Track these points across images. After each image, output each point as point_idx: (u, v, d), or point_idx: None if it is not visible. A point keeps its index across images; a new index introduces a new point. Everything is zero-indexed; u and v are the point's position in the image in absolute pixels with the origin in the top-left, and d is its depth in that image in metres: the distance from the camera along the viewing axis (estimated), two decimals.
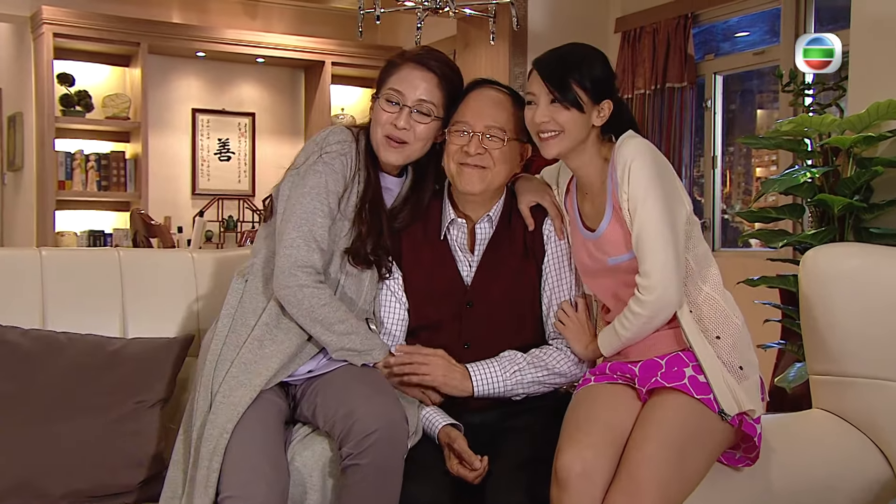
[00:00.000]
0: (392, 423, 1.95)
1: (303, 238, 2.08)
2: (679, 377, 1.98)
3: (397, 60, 2.21)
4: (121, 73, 6.80)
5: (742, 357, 2.03)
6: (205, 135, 7.21)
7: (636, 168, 1.98)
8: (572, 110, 2.03)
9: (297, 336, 2.11)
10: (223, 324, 2.14)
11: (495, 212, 2.22)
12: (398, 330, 2.23)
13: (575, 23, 5.79)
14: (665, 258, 1.97)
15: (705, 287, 2.07)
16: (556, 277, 2.21)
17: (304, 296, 2.06)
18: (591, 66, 2.05)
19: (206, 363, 2.09)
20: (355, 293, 2.19)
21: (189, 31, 6.76)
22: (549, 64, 2.07)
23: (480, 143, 2.14)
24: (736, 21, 5.39)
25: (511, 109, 2.18)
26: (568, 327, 2.19)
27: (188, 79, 7.13)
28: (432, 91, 2.17)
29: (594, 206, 2.13)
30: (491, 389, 2.13)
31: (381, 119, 2.18)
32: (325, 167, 2.12)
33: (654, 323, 2.02)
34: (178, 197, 7.09)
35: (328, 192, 2.11)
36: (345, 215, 2.15)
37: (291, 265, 2.07)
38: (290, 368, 2.11)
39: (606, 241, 2.07)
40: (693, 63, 5.29)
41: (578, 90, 2.02)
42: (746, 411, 1.98)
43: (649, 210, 1.97)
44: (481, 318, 2.19)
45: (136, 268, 2.57)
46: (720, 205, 5.40)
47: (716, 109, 5.37)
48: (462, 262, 2.22)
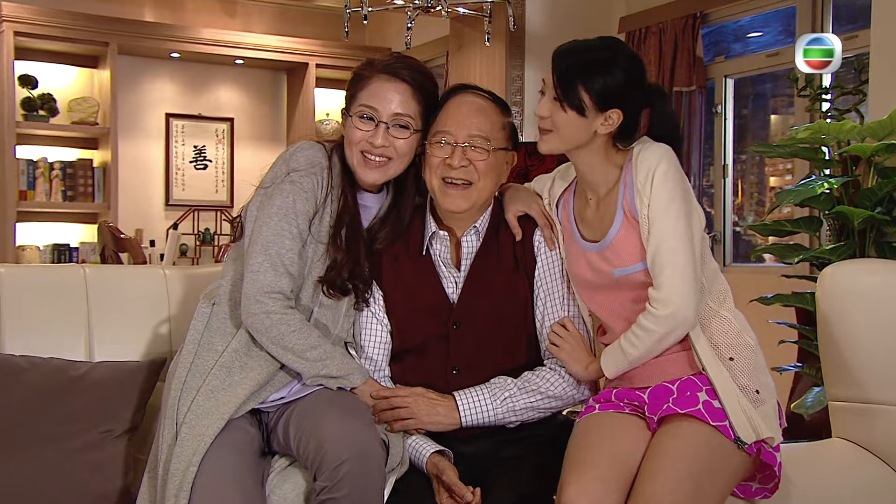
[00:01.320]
0: (363, 449, 1.93)
1: (269, 262, 2.07)
2: (693, 402, 1.97)
3: (365, 72, 2.20)
4: (88, 74, 6.78)
5: (757, 380, 2.02)
6: (179, 141, 7.20)
7: (661, 175, 1.99)
8: (570, 112, 2.03)
9: (268, 364, 2.11)
10: (188, 350, 2.13)
11: (482, 223, 2.22)
12: (380, 355, 2.22)
13: (576, 22, 5.80)
14: (684, 271, 1.96)
15: (716, 305, 2.07)
16: (549, 289, 2.21)
17: (271, 323, 2.06)
18: (608, 72, 2.02)
19: (171, 392, 2.08)
20: (330, 321, 2.18)
21: (162, 30, 6.75)
22: (565, 59, 2.06)
23: (464, 154, 2.13)
24: (748, 21, 5.41)
25: (495, 117, 2.18)
26: (563, 348, 2.17)
27: (161, 81, 7.12)
28: (407, 103, 2.17)
29: (598, 213, 2.12)
30: (480, 418, 2.12)
31: (355, 137, 2.17)
32: (293, 186, 2.12)
33: (667, 341, 2.01)
34: (151, 208, 7.06)
35: (296, 213, 2.11)
36: (317, 238, 2.15)
37: (257, 291, 2.06)
38: (262, 395, 2.10)
39: (614, 251, 2.07)
40: (702, 65, 5.30)
41: (584, 95, 2.02)
42: (765, 439, 1.97)
43: (672, 221, 1.98)
44: (470, 339, 2.18)
45: (103, 285, 2.56)
46: (731, 217, 5.41)
47: (726, 115, 5.38)
48: (447, 279, 2.21)
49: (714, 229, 5.37)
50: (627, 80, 2.04)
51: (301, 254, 2.12)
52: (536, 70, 5.71)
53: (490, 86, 5.65)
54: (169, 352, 2.49)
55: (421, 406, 2.12)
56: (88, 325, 2.48)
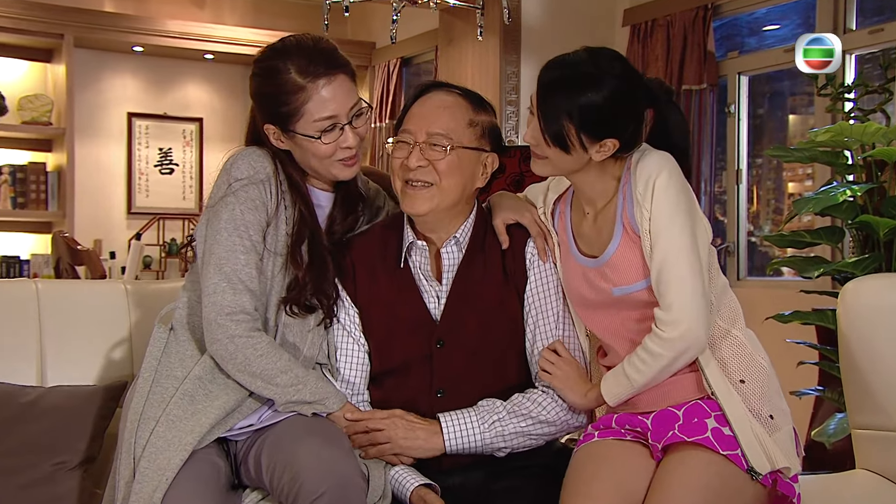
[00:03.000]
0: (343, 480, 1.92)
1: (226, 281, 2.07)
2: (701, 430, 1.97)
3: (301, 81, 2.14)
4: (41, 69, 6.78)
5: (771, 404, 2.02)
6: (143, 143, 7.20)
7: (662, 184, 1.99)
8: (555, 147, 2.02)
9: (235, 392, 2.10)
10: (144, 378, 2.12)
11: (463, 233, 2.21)
12: (358, 377, 2.21)
13: (576, 15, 5.83)
14: (693, 289, 1.96)
15: (725, 324, 2.08)
16: (542, 306, 2.21)
17: (236, 347, 2.05)
18: (595, 95, 1.96)
19: (127, 424, 2.07)
20: (298, 338, 2.18)
21: (124, 21, 6.76)
22: (547, 82, 2.02)
23: (422, 154, 2.14)
24: (764, 13, 5.43)
25: (461, 113, 2.18)
26: (556, 376, 2.16)
27: (123, 77, 7.12)
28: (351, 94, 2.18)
29: (596, 227, 2.12)
30: (466, 444, 2.11)
31: (322, 151, 2.17)
32: (238, 197, 2.11)
33: (677, 366, 2.01)
34: (111, 217, 7.05)
35: (246, 224, 2.11)
36: (274, 250, 2.15)
37: (217, 314, 2.06)
38: (228, 423, 2.10)
39: (613, 268, 2.07)
40: (714, 61, 5.32)
41: (570, 128, 1.98)
42: (781, 469, 1.97)
43: (677, 234, 1.98)
44: (455, 359, 2.17)
45: (57, 302, 2.55)
46: (746, 226, 5.43)
47: (740, 115, 5.40)
48: (428, 293, 2.21)
49: (727, 240, 5.39)
50: (621, 99, 1.99)
51: (259, 268, 2.12)
52: (533, 66, 5.71)
53: (483, 83, 5.72)
54: (130, 375, 2.48)
55: (399, 429, 2.11)
56: (41, 346, 2.47)
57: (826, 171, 4.34)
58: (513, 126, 5.66)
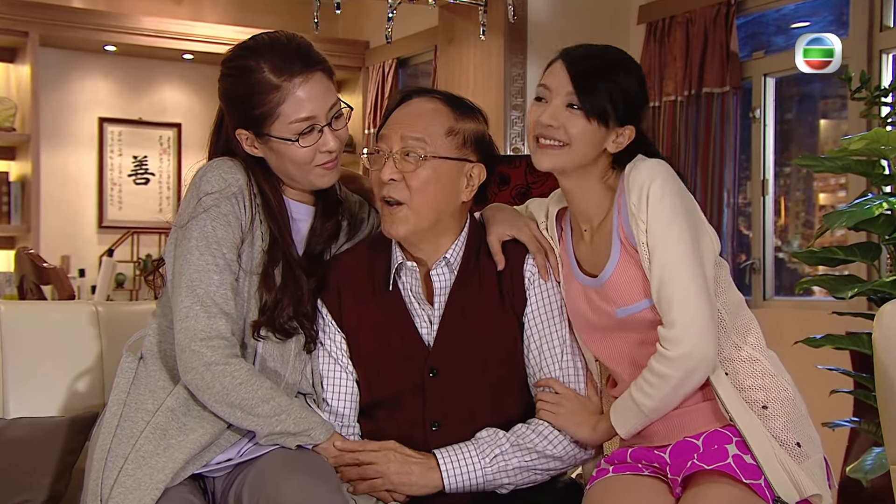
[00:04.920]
0: None
1: (199, 303, 2.07)
2: (721, 457, 1.97)
3: (275, 80, 2.16)
4: (3, 70, 6.79)
5: (798, 431, 2.03)
6: (115, 151, 7.20)
7: (656, 192, 2.00)
8: (593, 122, 2.04)
9: (212, 423, 2.10)
10: (112, 412, 2.11)
11: (454, 252, 2.21)
12: (348, 408, 2.22)
13: (587, 12, 5.84)
14: (697, 302, 1.97)
15: (742, 344, 2.08)
16: (544, 330, 2.20)
17: (213, 376, 2.05)
18: (629, 78, 2.09)
19: (94, 463, 2.06)
20: (279, 363, 2.18)
21: (95, 18, 6.77)
22: (584, 58, 2.09)
23: (395, 166, 2.13)
24: (792, 9, 5.44)
25: (440, 120, 2.17)
26: (560, 414, 2.16)
27: (93, 79, 7.13)
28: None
29: (593, 247, 2.14)
30: (466, 481, 2.11)
31: (300, 156, 2.17)
32: (209, 213, 2.12)
33: (687, 387, 2.01)
34: (80, 231, 7.05)
35: (219, 241, 2.11)
36: (250, 269, 2.15)
37: (191, 340, 2.05)
38: (205, 458, 2.09)
39: (614, 288, 2.07)
40: (737, 62, 5.33)
41: (609, 101, 2.05)
42: (809, 497, 1.97)
43: (675, 244, 1.99)
44: (450, 389, 2.17)
45: (20, 325, 2.55)
46: (773, 241, 5.43)
47: (766, 120, 5.41)
48: (419, 318, 2.21)
49: (752, 256, 5.39)
50: (643, 93, 2.12)
51: (234, 288, 2.12)
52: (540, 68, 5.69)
53: (486, 86, 5.74)
54: (100, 406, 2.47)
55: (392, 464, 2.11)
56: (2, 374, 2.46)
57: (861, 182, 4.35)
58: (518, 133, 5.67)
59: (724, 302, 2.08)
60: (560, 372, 2.20)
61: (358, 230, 2.36)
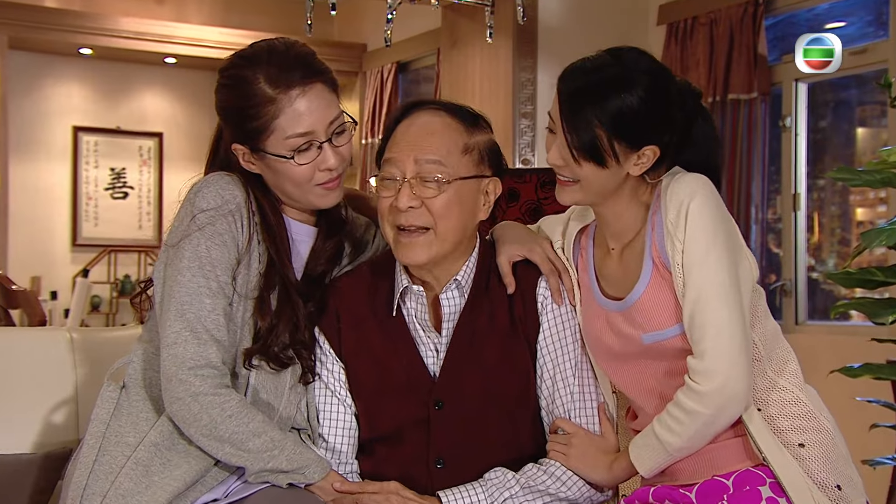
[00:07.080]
0: None
1: (189, 329, 2.07)
2: (754, 499, 1.96)
3: (270, 92, 2.17)
4: None
5: (838, 473, 2.01)
6: (91, 163, 7.23)
7: (696, 211, 1.99)
8: (588, 165, 2.03)
9: (198, 459, 2.09)
10: (90, 445, 2.11)
11: (465, 274, 2.21)
12: (345, 444, 2.21)
13: (602, 11, 5.86)
14: (732, 333, 1.96)
15: (778, 378, 2.07)
16: (558, 358, 2.20)
17: (200, 408, 2.04)
18: (630, 97, 2.00)
19: (68, 501, 2.06)
20: (272, 395, 2.18)
21: (69, 18, 6.79)
22: (572, 91, 2.04)
23: (412, 192, 2.13)
24: (826, 8, 5.46)
25: (454, 137, 2.16)
26: (572, 455, 2.15)
27: (68, 85, 7.16)
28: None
29: (622, 265, 2.13)
30: None
31: (297, 174, 2.17)
32: (204, 232, 2.11)
33: (717, 425, 2.00)
34: (52, 250, 7.07)
35: (212, 262, 2.11)
36: (246, 294, 2.15)
37: (179, 368, 2.05)
38: (190, 497, 2.08)
39: (642, 311, 2.07)
40: (766, 66, 5.35)
41: (602, 136, 2.00)
42: None
43: (713, 267, 1.98)
44: (456, 423, 2.16)
45: None
46: (805, 261, 5.43)
47: (798, 129, 5.42)
48: (425, 346, 2.21)
49: (782, 277, 5.38)
50: (656, 103, 2.02)
51: (228, 314, 2.12)
52: (552, 72, 5.71)
53: (494, 92, 5.76)
54: (75, 441, 2.47)
55: None
56: None
57: None
58: (528, 143, 5.66)
59: (761, 333, 2.07)
60: (573, 405, 2.20)
61: (362, 252, 2.36)
